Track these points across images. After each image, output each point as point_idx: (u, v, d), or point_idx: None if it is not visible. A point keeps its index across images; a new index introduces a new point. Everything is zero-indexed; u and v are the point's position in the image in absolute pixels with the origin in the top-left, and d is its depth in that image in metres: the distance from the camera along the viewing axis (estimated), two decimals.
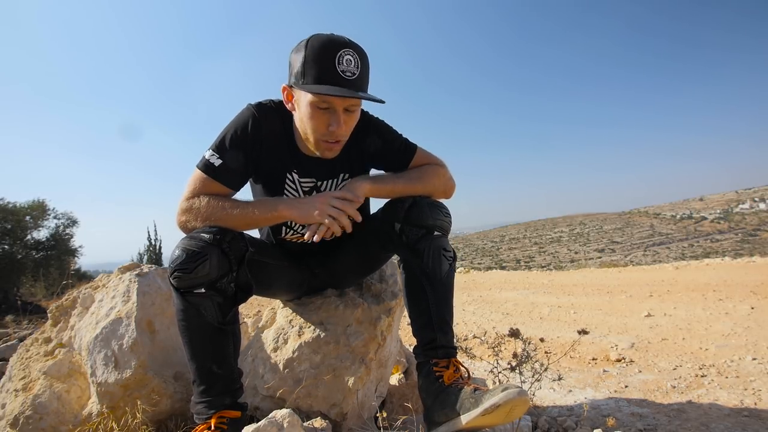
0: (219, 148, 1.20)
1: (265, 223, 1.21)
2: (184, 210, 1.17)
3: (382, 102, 1.15)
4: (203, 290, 1.10)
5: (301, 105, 1.16)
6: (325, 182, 1.35)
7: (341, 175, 1.36)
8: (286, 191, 1.33)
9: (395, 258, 1.50)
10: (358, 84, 1.11)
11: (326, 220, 1.14)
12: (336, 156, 1.26)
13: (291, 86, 1.17)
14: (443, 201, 1.35)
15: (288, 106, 1.23)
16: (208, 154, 1.19)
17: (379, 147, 1.36)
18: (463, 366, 1.24)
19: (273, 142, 1.27)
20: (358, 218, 1.19)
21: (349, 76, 1.09)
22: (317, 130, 1.16)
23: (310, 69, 1.09)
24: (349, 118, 1.17)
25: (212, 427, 1.11)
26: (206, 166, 1.19)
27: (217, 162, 1.18)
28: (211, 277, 1.10)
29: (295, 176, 1.32)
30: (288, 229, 1.40)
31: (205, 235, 1.10)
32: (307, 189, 1.35)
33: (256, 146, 1.24)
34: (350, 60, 1.09)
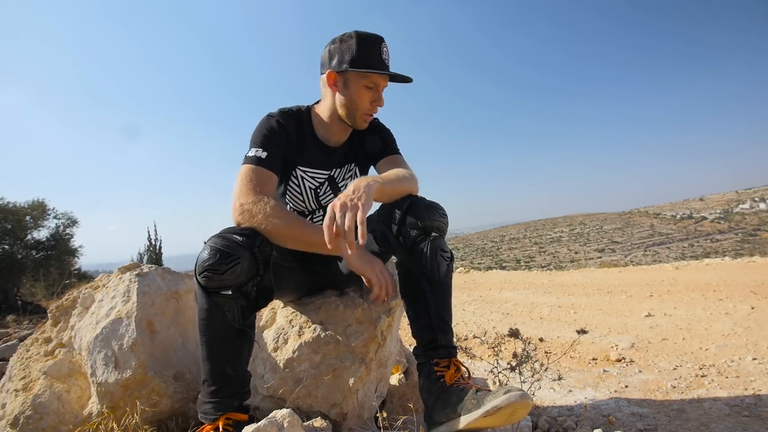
0: (261, 144, 1.32)
1: (311, 249, 1.21)
2: (253, 201, 1.18)
3: (411, 80, 1.41)
4: (230, 292, 1.10)
5: (351, 86, 1.36)
6: (336, 170, 1.52)
7: (352, 164, 1.55)
8: (289, 186, 1.46)
9: (394, 258, 1.51)
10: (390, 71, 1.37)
11: (377, 286, 1.23)
12: (348, 147, 1.53)
13: (339, 71, 1.35)
14: None
15: (330, 89, 1.40)
16: (252, 152, 1.30)
17: (378, 143, 1.55)
18: (464, 366, 1.24)
19: (293, 143, 1.42)
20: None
21: (387, 64, 1.36)
22: (363, 105, 1.38)
23: (360, 56, 1.31)
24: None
25: (219, 429, 1.10)
26: (256, 160, 1.28)
27: (264, 155, 1.29)
28: (240, 280, 1.09)
29: (299, 172, 1.46)
30: None
31: (238, 237, 1.10)
32: (321, 181, 1.49)
33: (284, 145, 1.38)
34: (387, 51, 1.37)
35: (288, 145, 1.40)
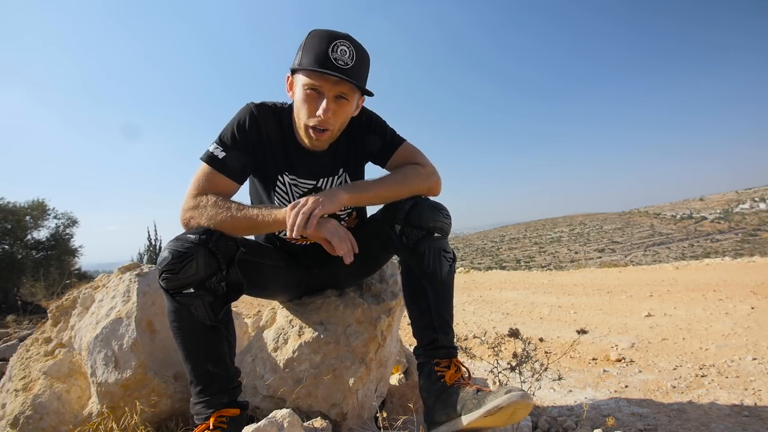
0: (222, 141, 1.24)
1: (266, 228, 1.20)
2: (191, 207, 1.17)
3: (371, 94, 1.20)
4: (192, 290, 1.11)
5: (297, 89, 1.20)
6: (324, 179, 1.37)
7: (340, 170, 1.38)
8: (276, 193, 1.36)
9: (395, 258, 1.50)
10: (350, 74, 1.13)
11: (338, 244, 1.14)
12: (334, 152, 1.32)
13: (292, 73, 1.21)
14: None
15: (289, 94, 1.26)
16: (212, 147, 1.23)
17: (375, 141, 1.39)
18: (464, 366, 1.24)
19: (270, 142, 1.30)
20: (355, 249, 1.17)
21: (341, 65, 1.11)
22: (307, 114, 1.18)
23: (306, 54, 1.13)
24: (339, 107, 1.18)
25: (211, 427, 1.11)
26: (210, 158, 1.22)
27: (221, 155, 1.22)
28: (198, 277, 1.10)
29: (286, 179, 1.34)
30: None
31: (192, 236, 1.11)
32: (306, 190, 1.37)
33: (255, 143, 1.27)
34: (345, 51, 1.12)
35: (259, 144, 1.27)
